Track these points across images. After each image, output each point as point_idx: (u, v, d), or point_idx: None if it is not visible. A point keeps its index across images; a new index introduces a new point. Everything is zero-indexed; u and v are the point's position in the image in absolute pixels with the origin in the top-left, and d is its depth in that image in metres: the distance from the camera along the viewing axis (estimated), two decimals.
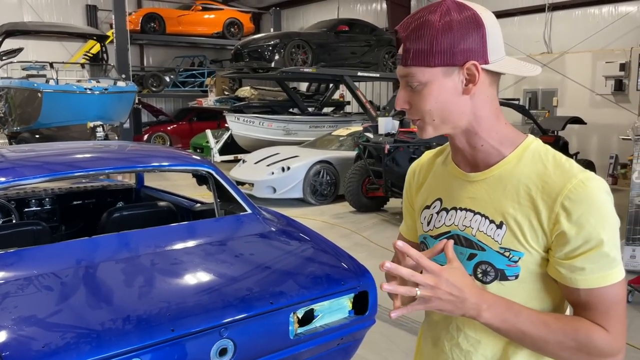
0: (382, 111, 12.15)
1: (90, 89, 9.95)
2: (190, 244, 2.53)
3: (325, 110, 14.84)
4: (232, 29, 17.17)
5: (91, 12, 17.10)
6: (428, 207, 1.20)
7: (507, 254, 1.05)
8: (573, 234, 0.99)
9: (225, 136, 11.43)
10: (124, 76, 12.62)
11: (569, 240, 1.00)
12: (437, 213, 1.17)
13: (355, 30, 12.54)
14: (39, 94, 9.64)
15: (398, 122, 8.13)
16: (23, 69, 12.26)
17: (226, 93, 15.09)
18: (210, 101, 14.87)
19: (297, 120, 12.07)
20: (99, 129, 9.72)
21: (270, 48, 11.14)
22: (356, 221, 7.49)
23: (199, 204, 3.92)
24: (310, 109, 14.01)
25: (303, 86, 16.46)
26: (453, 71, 1.02)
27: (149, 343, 1.84)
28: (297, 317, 2.25)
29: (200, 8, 16.64)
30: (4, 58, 12.19)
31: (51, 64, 10.81)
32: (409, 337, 3.87)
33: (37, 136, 10.62)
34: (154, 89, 16.00)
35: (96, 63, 13.97)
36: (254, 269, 2.42)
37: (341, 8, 16.83)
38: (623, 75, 10.00)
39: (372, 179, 7.55)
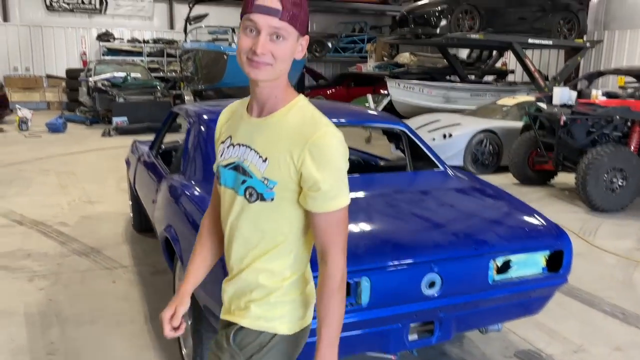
0: (552, 81, 11.48)
1: None
2: (401, 190, 2.84)
3: (486, 78, 14.36)
4: None
5: None
6: (223, 142, 1.49)
7: (265, 182, 1.36)
8: (314, 171, 1.30)
9: (385, 101, 11.68)
10: None
11: (311, 176, 1.31)
12: (227, 147, 1.46)
13: None
14: (225, 57, 10.71)
15: (575, 93, 7.69)
16: (209, 33, 13.55)
17: (385, 59, 15.30)
18: (369, 67, 15.19)
19: (458, 88, 11.89)
20: None
21: (437, 14, 11.03)
22: (520, 194, 7.31)
23: (382, 160, 4.24)
24: (470, 77, 13.67)
25: (463, 53, 16.04)
26: (299, 38, 1.35)
27: (376, 266, 2.18)
28: (496, 265, 2.45)
29: None
30: (192, 22, 13.64)
31: (233, 29, 11.89)
32: (583, 308, 3.86)
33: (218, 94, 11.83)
34: (316, 54, 16.72)
35: None
36: (457, 218, 2.65)
37: None
38: None
39: (541, 151, 7.30)
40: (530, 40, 11.13)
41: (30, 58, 17.01)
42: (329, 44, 17.18)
